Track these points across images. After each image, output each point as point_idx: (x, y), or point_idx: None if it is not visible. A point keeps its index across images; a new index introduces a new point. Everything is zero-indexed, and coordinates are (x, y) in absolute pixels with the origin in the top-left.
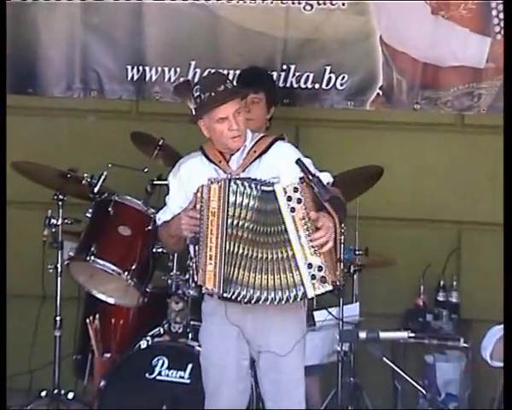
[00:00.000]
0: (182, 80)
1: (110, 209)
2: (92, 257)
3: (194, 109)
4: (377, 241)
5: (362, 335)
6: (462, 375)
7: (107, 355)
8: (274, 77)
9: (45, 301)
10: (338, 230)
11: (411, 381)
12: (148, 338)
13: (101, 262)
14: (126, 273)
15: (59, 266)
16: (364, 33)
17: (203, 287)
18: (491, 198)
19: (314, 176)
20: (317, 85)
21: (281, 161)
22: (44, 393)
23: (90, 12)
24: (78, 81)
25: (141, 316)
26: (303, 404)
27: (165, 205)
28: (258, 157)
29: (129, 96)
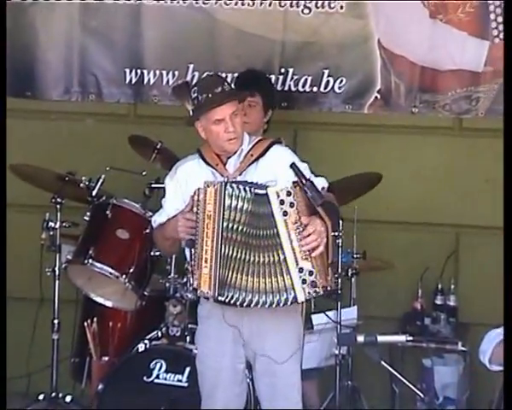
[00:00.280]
0: (180, 82)
1: (108, 212)
2: (90, 260)
3: (191, 111)
4: (375, 244)
5: (360, 338)
6: (459, 378)
7: (105, 358)
8: (272, 80)
9: (43, 304)
10: (330, 235)
11: (409, 384)
12: (146, 341)
13: (99, 265)
14: (124, 276)
15: (57, 269)
16: (362, 37)
17: (198, 290)
18: (489, 201)
19: (308, 180)
20: (315, 89)
21: (278, 165)
22: (42, 396)
23: (89, 15)
24: (76, 84)
25: (139, 319)
26: (300, 406)
27: (161, 207)
28: (255, 161)
29: (127, 99)
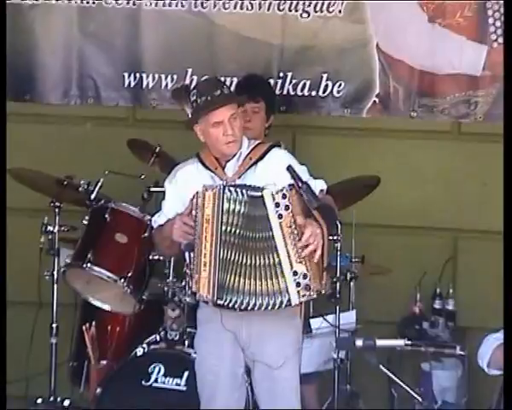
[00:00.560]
0: (179, 85)
1: (107, 216)
2: (89, 264)
3: (190, 114)
4: (374, 248)
5: (358, 342)
6: (458, 383)
7: (103, 362)
8: (271, 84)
9: (41, 307)
10: (325, 238)
11: (408, 389)
12: (145, 345)
13: (97, 269)
14: (123, 280)
15: (55, 273)
16: (361, 41)
17: (197, 294)
18: (487, 206)
19: (304, 183)
20: (314, 93)
21: (276, 168)
22: (40, 400)
23: (87, 18)
24: (74, 88)
25: (137, 323)
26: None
27: (161, 209)
28: (254, 164)
29: (126, 103)
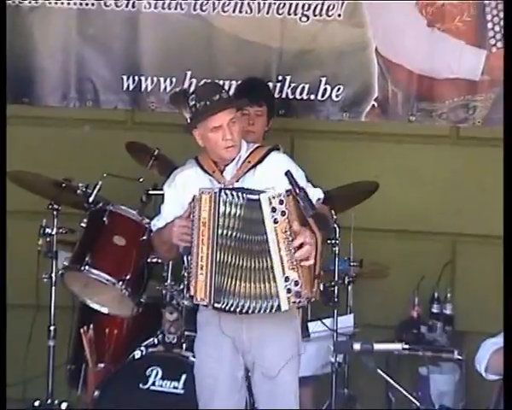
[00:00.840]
0: (177, 89)
1: (105, 219)
2: (87, 267)
3: (189, 118)
4: (372, 252)
5: (356, 346)
6: (456, 387)
7: (100, 365)
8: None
9: (39, 310)
10: (319, 247)
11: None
12: (142, 348)
13: (95, 272)
14: (121, 283)
15: (53, 276)
16: (360, 45)
17: (194, 298)
18: (485, 210)
19: (301, 190)
20: (313, 96)
21: (275, 172)
22: (38, 403)
23: (86, 22)
24: (73, 91)
25: (135, 326)
26: None
27: (159, 213)
28: (252, 167)
29: (124, 105)
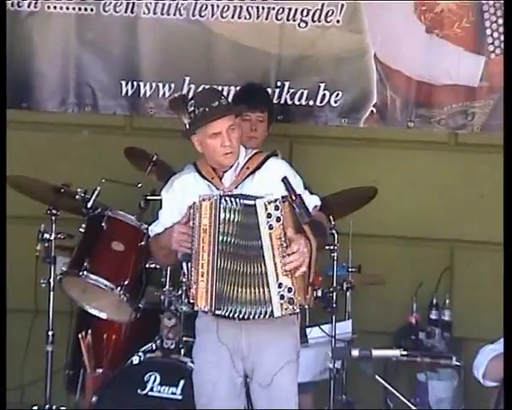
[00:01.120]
0: (176, 95)
1: (103, 224)
2: (85, 272)
3: (187, 124)
4: (370, 258)
5: (354, 352)
6: (454, 393)
7: (99, 371)
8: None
9: (38, 315)
10: (313, 255)
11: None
12: (141, 354)
13: (93, 277)
14: (119, 289)
15: (52, 281)
16: (359, 51)
17: (195, 305)
18: (483, 217)
19: (297, 196)
20: (312, 102)
21: (274, 178)
22: (36, 408)
23: (85, 27)
24: (72, 96)
25: (133, 332)
26: None
27: (158, 219)
28: (251, 174)
29: (123, 111)
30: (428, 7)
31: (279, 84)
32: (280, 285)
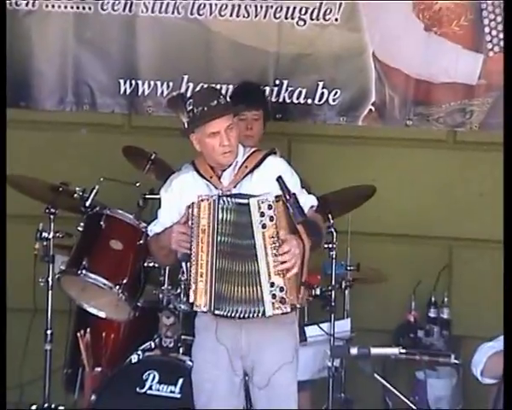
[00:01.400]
0: (175, 93)
1: (102, 223)
2: (83, 271)
3: (186, 123)
4: (369, 257)
5: (353, 351)
6: (453, 391)
7: (97, 369)
8: (267, 92)
9: (36, 314)
10: (306, 255)
11: (402, 397)
12: (139, 352)
13: (92, 276)
14: (118, 287)
15: (50, 280)
16: (357, 49)
17: (194, 305)
18: (482, 215)
19: (291, 196)
20: (310, 101)
21: (272, 177)
22: (35, 407)
23: (83, 25)
24: (70, 94)
25: (132, 330)
26: None
27: (156, 218)
28: (249, 172)
29: (121, 109)
30: (427, 5)
31: (277, 82)
32: (272, 284)
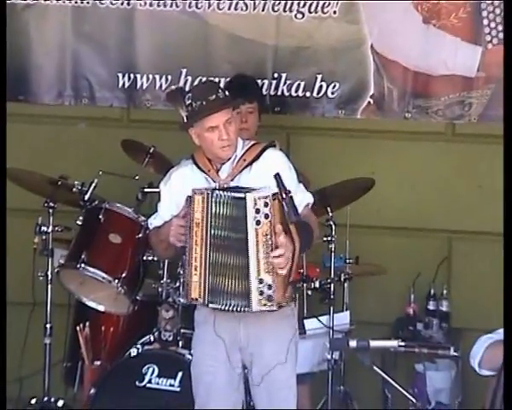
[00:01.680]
0: (174, 87)
1: (101, 217)
2: (82, 265)
3: (185, 117)
4: (368, 249)
5: (352, 343)
6: (452, 384)
7: (97, 363)
8: (265, 85)
9: (35, 308)
10: (296, 255)
11: (401, 390)
12: (139, 346)
13: (91, 270)
14: (117, 281)
15: (49, 274)
16: (356, 42)
17: (188, 297)
18: (481, 207)
19: (288, 195)
20: (308, 94)
21: (271, 169)
22: (34, 401)
23: (81, 19)
24: (69, 88)
25: (131, 324)
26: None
27: (156, 211)
28: (248, 165)
29: (120, 103)
30: None
31: (276, 75)
32: (261, 281)
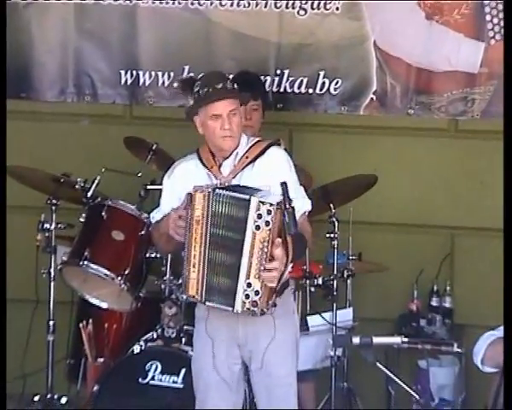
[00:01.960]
0: (185, 76)
1: (103, 214)
2: (85, 262)
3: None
4: (371, 246)
5: (355, 340)
6: (455, 380)
7: (100, 360)
8: (268, 81)
9: (38, 305)
10: (287, 269)
11: (405, 386)
12: (142, 343)
13: (94, 267)
14: (119, 278)
15: (52, 271)
16: (358, 38)
17: (185, 294)
18: (484, 203)
19: (290, 206)
20: (311, 90)
21: (273, 168)
22: (38, 398)
23: (84, 16)
24: (71, 85)
25: (134, 321)
26: (295, 407)
27: (158, 206)
28: (251, 162)
29: (122, 100)
30: None
31: (278, 72)
32: (249, 285)
